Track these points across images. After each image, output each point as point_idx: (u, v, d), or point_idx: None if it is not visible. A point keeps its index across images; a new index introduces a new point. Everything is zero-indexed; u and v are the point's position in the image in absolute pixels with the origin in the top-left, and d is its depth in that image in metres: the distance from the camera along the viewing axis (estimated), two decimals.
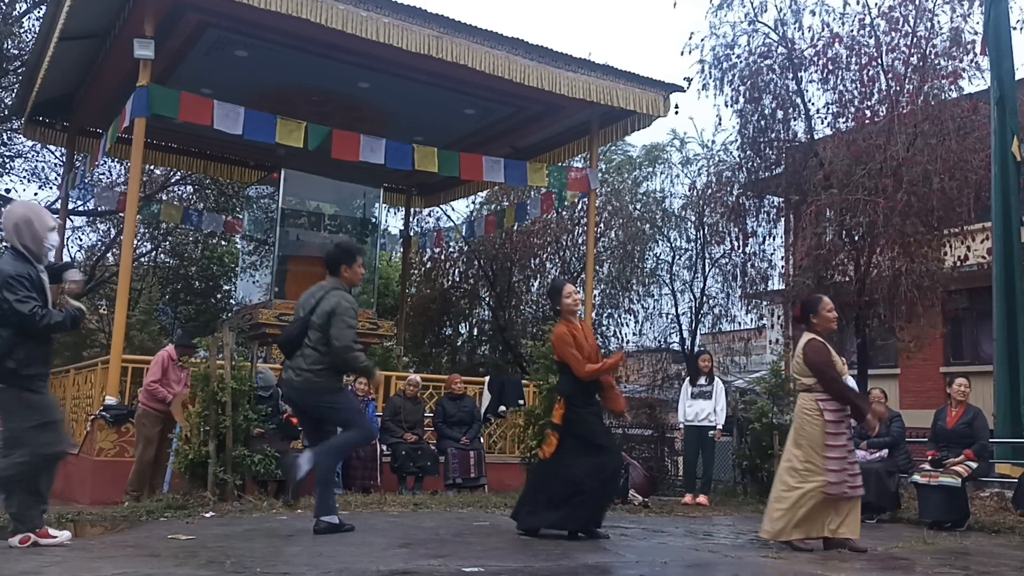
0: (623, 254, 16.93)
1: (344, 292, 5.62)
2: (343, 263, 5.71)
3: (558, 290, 6.06)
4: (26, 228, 4.69)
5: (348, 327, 5.42)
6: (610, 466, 5.77)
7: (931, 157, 10.53)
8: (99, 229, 21.85)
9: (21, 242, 4.68)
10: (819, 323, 5.74)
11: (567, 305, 5.95)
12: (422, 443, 9.19)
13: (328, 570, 4.12)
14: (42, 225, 4.73)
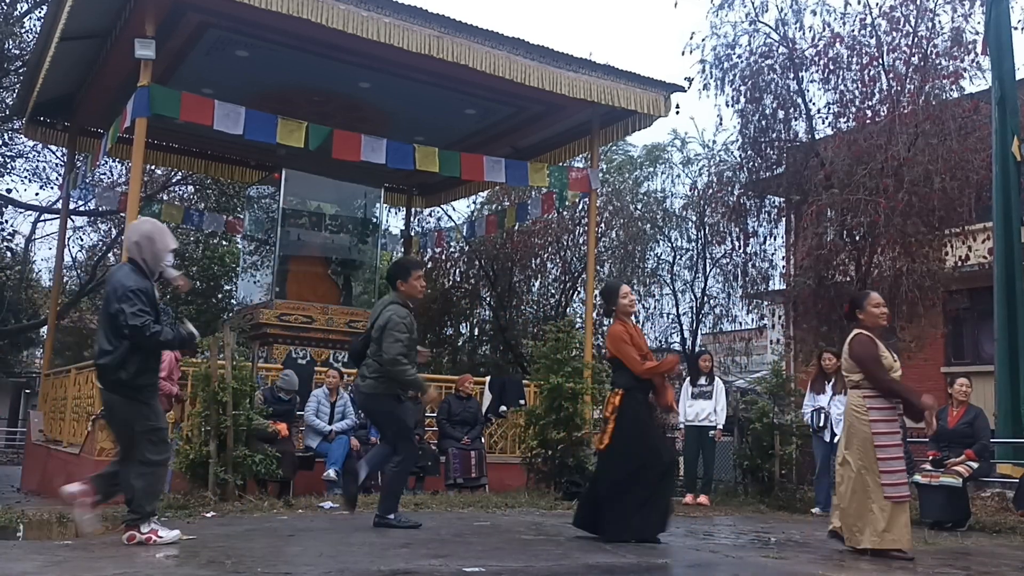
0: (624, 254, 16.94)
1: (398, 307, 5.95)
2: (398, 278, 6.10)
3: (615, 290, 6.04)
4: (147, 244, 4.90)
5: (395, 340, 5.74)
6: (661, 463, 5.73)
7: (932, 157, 10.53)
8: (100, 229, 21.88)
9: (141, 256, 4.89)
10: (866, 319, 5.62)
11: (623, 306, 5.94)
12: (423, 443, 9.20)
13: (329, 570, 4.12)
14: (163, 244, 4.95)
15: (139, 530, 4.81)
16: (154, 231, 4.97)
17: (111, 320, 4.73)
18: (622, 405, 5.72)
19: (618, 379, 5.93)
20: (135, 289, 4.72)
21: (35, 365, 28.15)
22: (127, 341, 4.70)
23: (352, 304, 12.31)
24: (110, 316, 4.74)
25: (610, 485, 5.57)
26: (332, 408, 8.91)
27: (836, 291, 11.41)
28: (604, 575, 4.55)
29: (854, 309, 5.73)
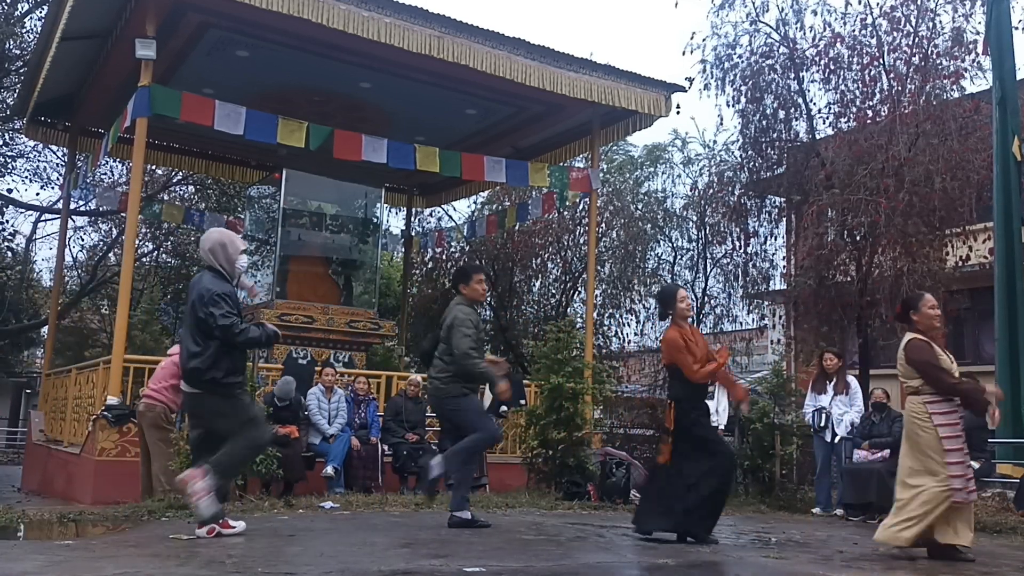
0: (624, 254, 16.93)
1: (463, 306, 6.14)
2: (461, 283, 6.32)
3: (672, 294, 6.05)
4: (221, 251, 5.23)
5: (464, 336, 5.91)
6: (722, 468, 5.77)
7: (933, 157, 10.53)
8: (101, 229, 21.91)
9: (218, 263, 5.22)
10: (920, 320, 5.46)
11: (680, 310, 5.93)
12: (424, 443, 9.20)
13: (329, 570, 4.12)
14: (234, 249, 5.27)
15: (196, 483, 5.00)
16: (223, 238, 5.31)
17: (199, 324, 5.05)
18: (678, 418, 5.71)
19: (672, 389, 5.93)
20: (221, 293, 5.05)
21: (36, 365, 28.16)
22: (215, 342, 5.01)
23: (353, 304, 12.30)
24: (198, 320, 5.04)
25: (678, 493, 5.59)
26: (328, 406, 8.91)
27: (836, 291, 11.41)
28: (605, 575, 4.55)
29: (907, 310, 5.56)
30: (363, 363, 11.69)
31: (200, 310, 5.02)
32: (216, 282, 5.14)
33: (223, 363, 5.04)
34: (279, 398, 8.61)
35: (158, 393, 7.45)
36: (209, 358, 5.01)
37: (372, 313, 12.14)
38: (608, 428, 12.73)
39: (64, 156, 15.03)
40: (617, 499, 8.55)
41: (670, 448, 5.72)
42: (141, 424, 7.59)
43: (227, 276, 5.23)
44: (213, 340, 5.01)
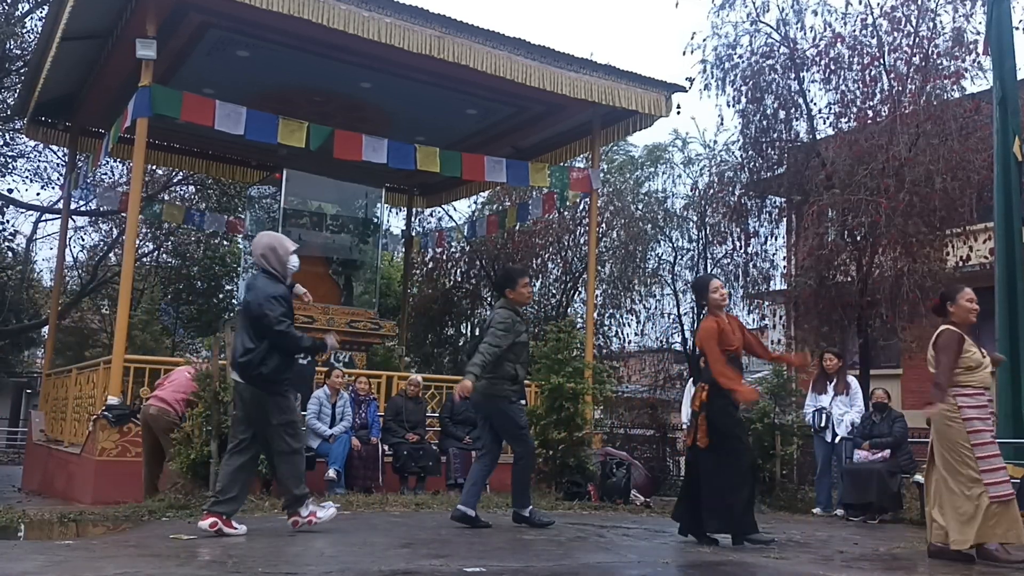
0: (625, 254, 16.92)
1: (504, 309, 6.26)
2: (506, 287, 6.42)
3: (704, 285, 6.03)
4: (271, 255, 5.47)
5: (492, 334, 6.09)
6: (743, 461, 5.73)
7: (933, 157, 10.52)
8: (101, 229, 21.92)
9: (271, 266, 5.46)
10: (956, 312, 5.40)
11: (714, 300, 5.93)
12: (424, 443, 9.20)
13: (330, 570, 4.12)
14: (284, 251, 5.50)
15: (300, 515, 5.38)
16: (273, 241, 5.55)
17: (253, 322, 5.30)
18: (709, 401, 5.69)
19: (705, 374, 5.87)
20: (276, 295, 5.32)
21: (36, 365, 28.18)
22: (267, 341, 5.25)
23: (353, 304, 12.31)
24: (253, 319, 5.31)
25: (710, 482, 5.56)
26: (332, 409, 8.91)
27: (837, 291, 11.41)
28: (605, 575, 4.55)
29: (945, 302, 5.52)
30: (363, 363, 11.70)
31: (255, 310, 5.28)
32: (270, 284, 5.39)
33: (272, 360, 5.29)
34: None
35: (177, 404, 7.54)
36: (260, 354, 5.25)
37: (372, 313, 12.15)
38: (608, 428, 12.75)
39: (65, 156, 15.03)
40: (617, 499, 8.55)
41: (694, 430, 5.69)
42: (153, 427, 7.61)
43: (280, 277, 5.46)
44: (265, 339, 5.27)
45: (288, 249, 5.51)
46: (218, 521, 5.20)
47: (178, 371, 8.00)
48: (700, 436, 5.65)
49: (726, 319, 5.94)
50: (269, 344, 5.27)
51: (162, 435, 7.51)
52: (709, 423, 5.63)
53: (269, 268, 5.46)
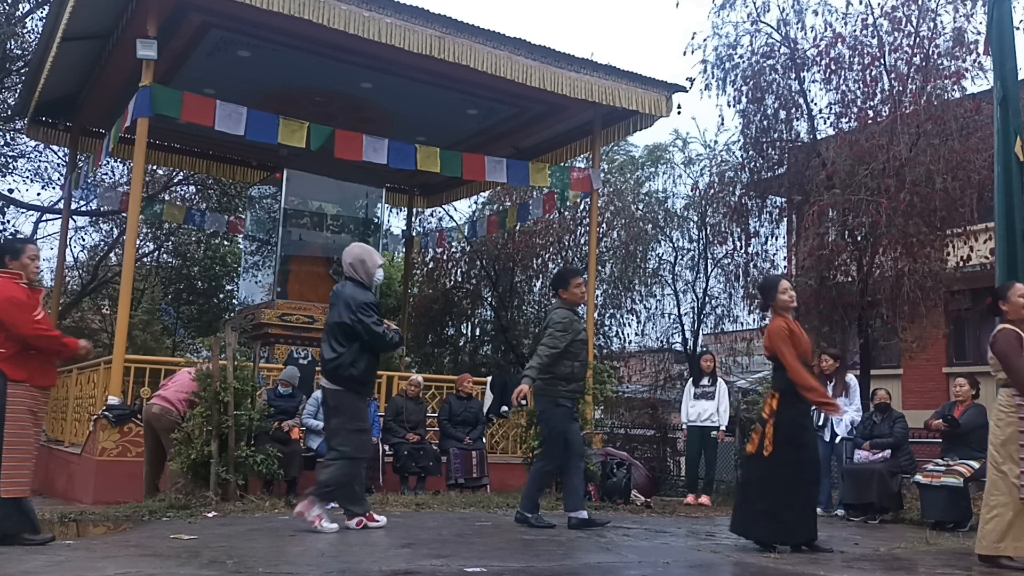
0: (625, 254, 16.92)
1: (561, 310, 6.44)
2: (560, 287, 6.60)
3: (773, 285, 5.88)
4: (359, 265, 5.85)
5: (549, 335, 6.25)
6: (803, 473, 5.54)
7: (934, 157, 10.52)
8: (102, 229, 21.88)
9: (358, 275, 5.84)
10: (1010, 310, 5.33)
11: (783, 301, 5.75)
12: (424, 443, 9.20)
13: (330, 570, 4.12)
14: (372, 263, 5.90)
15: (311, 510, 5.57)
16: (363, 253, 5.93)
17: (343, 327, 5.65)
18: (779, 410, 5.53)
19: (776, 380, 5.75)
20: (368, 303, 5.69)
21: None
22: (357, 344, 5.64)
23: None
24: (343, 324, 5.65)
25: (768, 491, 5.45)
26: None
27: (838, 291, 11.41)
28: (606, 575, 4.55)
29: (997, 301, 5.43)
30: None
31: (347, 316, 5.63)
32: (360, 292, 5.75)
33: (360, 363, 5.67)
34: (283, 383, 8.71)
35: (179, 403, 7.55)
36: (351, 356, 5.63)
37: None
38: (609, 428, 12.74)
39: (65, 156, 15.03)
40: (618, 499, 8.56)
41: (760, 438, 5.55)
42: (155, 426, 7.62)
43: (367, 286, 5.84)
44: (355, 342, 5.63)
45: (376, 263, 5.91)
46: (363, 519, 5.70)
47: (181, 372, 8.03)
48: (767, 444, 5.50)
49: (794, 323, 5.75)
50: (360, 346, 5.63)
51: (164, 435, 7.53)
52: (777, 432, 5.47)
53: (357, 277, 5.83)
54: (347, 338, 5.66)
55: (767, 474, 5.49)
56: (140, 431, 7.91)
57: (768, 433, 5.50)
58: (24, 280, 5.02)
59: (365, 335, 5.62)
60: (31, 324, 4.86)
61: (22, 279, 5.01)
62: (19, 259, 5.05)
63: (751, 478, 5.75)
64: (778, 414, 5.51)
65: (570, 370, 6.30)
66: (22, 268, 5.04)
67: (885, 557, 5.53)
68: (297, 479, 8.26)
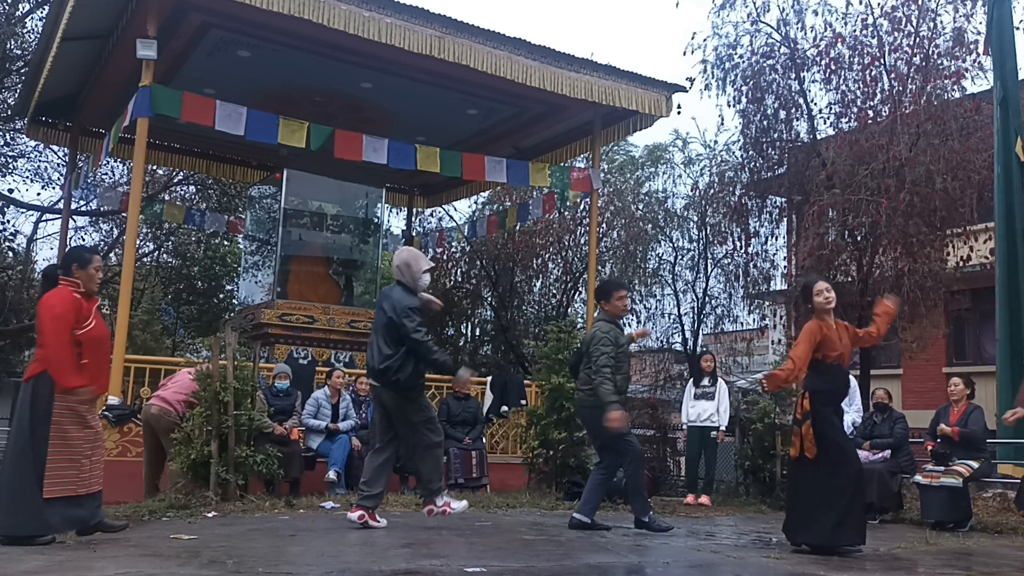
0: (625, 254, 16.92)
1: (603, 323, 6.45)
2: (602, 299, 6.63)
3: (809, 288, 5.85)
4: (407, 269, 5.94)
5: (601, 354, 6.23)
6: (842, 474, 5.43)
7: (934, 157, 10.53)
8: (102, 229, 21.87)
9: (405, 279, 5.92)
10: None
11: (818, 303, 5.72)
12: None
13: (331, 570, 4.12)
14: (418, 267, 5.96)
15: (435, 504, 5.80)
16: (410, 258, 6.01)
17: (390, 330, 5.74)
18: (813, 410, 5.49)
19: (807, 380, 5.64)
20: (412, 307, 5.75)
21: None
22: (403, 348, 5.68)
23: (353, 304, 12.30)
24: (389, 327, 5.75)
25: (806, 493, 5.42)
26: (335, 409, 8.91)
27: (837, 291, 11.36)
28: (606, 575, 4.55)
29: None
30: (364, 363, 11.69)
31: (392, 319, 5.72)
32: (406, 296, 5.82)
33: (408, 366, 5.72)
34: (280, 375, 8.73)
35: (178, 403, 7.56)
36: (398, 361, 5.69)
37: (373, 313, 12.13)
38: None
39: (65, 156, 15.02)
40: (618, 499, 8.55)
41: (801, 441, 5.50)
42: (154, 427, 7.61)
43: (413, 290, 5.90)
44: (401, 346, 5.68)
45: (422, 267, 5.97)
46: (365, 514, 5.73)
47: (181, 372, 8.04)
48: (808, 446, 5.43)
49: (833, 324, 5.68)
50: (406, 351, 5.69)
51: (163, 435, 7.54)
52: (817, 433, 5.41)
53: (404, 281, 5.90)
54: (395, 341, 5.74)
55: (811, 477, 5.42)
56: (140, 431, 7.91)
57: (808, 434, 5.44)
58: (83, 289, 5.11)
59: (407, 340, 5.69)
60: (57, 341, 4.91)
61: (81, 288, 5.11)
62: (86, 269, 5.15)
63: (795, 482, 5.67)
64: (813, 414, 5.47)
65: (615, 382, 6.29)
66: (87, 278, 5.15)
67: (885, 557, 5.53)
68: (299, 480, 8.25)
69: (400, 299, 5.78)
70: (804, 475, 5.52)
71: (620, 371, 6.35)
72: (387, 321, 5.77)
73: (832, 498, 5.34)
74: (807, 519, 5.42)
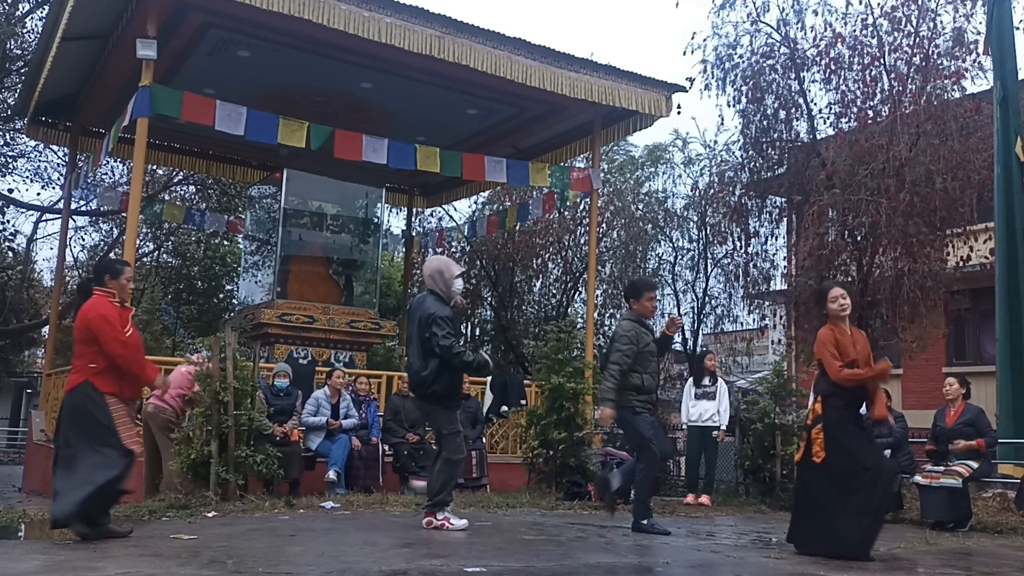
0: (625, 254, 16.94)
1: (626, 321, 6.44)
2: (631, 297, 6.60)
3: (823, 294, 5.79)
4: (439, 277, 5.94)
5: (616, 351, 6.24)
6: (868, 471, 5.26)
7: (934, 157, 10.52)
8: (102, 229, 21.89)
9: (437, 287, 5.91)
10: None
11: (832, 310, 5.65)
12: (424, 443, 9.20)
13: (330, 570, 4.12)
14: (449, 274, 5.96)
15: (435, 516, 5.80)
16: (441, 265, 6.05)
17: (423, 342, 5.73)
18: (824, 414, 5.42)
19: (818, 384, 5.62)
20: (443, 316, 5.73)
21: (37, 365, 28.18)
22: (437, 360, 5.68)
23: (353, 304, 12.30)
24: (422, 339, 5.74)
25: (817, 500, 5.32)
26: (335, 409, 8.91)
27: None
28: (606, 575, 4.55)
29: None
30: (364, 363, 11.70)
31: (424, 330, 5.71)
32: (437, 305, 5.81)
33: (443, 379, 5.74)
34: (280, 374, 8.73)
35: (172, 400, 7.58)
36: (431, 374, 5.71)
37: (373, 313, 12.14)
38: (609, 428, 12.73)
39: (65, 156, 15.03)
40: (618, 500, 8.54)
41: (807, 444, 5.44)
42: (151, 425, 7.63)
43: (445, 298, 5.90)
44: (434, 357, 5.68)
45: (453, 273, 5.99)
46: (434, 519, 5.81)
47: (176, 370, 8.04)
48: (816, 451, 5.35)
49: (848, 331, 5.63)
50: (440, 363, 5.69)
51: (159, 434, 7.54)
52: (827, 437, 5.33)
53: (436, 290, 5.91)
54: (428, 353, 5.74)
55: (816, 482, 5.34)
56: (140, 431, 7.90)
57: (818, 438, 5.37)
58: (117, 299, 5.29)
59: (436, 348, 5.67)
60: (118, 342, 5.13)
61: (115, 298, 5.27)
62: (118, 279, 5.33)
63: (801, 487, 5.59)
64: (824, 419, 5.40)
65: (640, 381, 6.28)
66: (119, 288, 5.31)
67: (885, 557, 5.52)
68: (299, 480, 8.25)
69: (431, 308, 5.79)
70: (813, 480, 5.41)
71: (647, 370, 6.34)
72: (419, 333, 5.80)
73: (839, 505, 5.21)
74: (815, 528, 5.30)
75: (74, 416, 5.12)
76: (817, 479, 5.37)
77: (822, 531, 5.28)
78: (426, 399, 5.86)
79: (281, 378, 8.77)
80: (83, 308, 5.24)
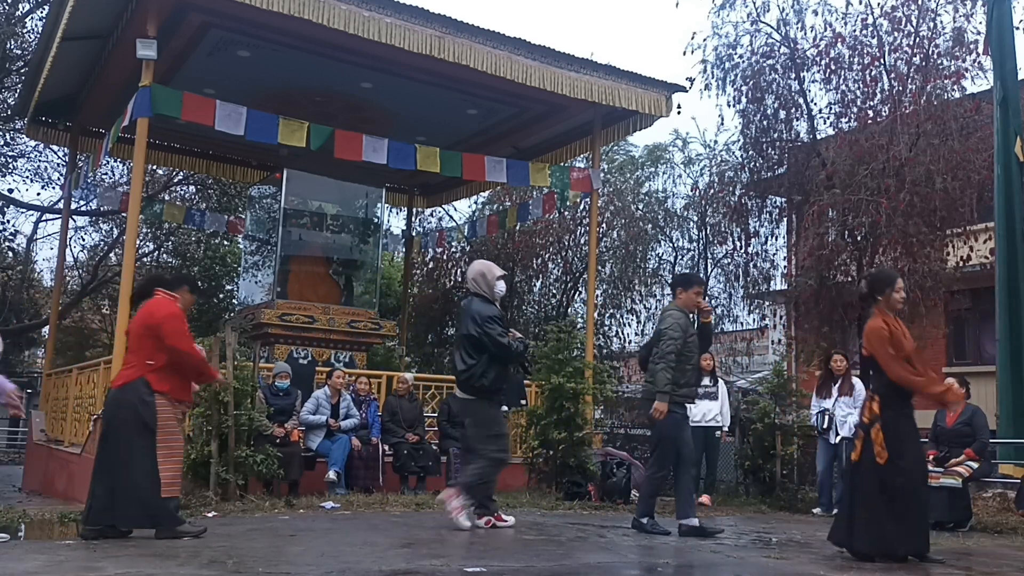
0: (625, 254, 16.93)
1: (674, 311, 6.41)
2: (679, 287, 6.59)
3: (890, 282, 5.45)
4: (481, 280, 6.15)
5: (670, 339, 6.17)
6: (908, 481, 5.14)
7: (934, 157, 10.53)
8: (102, 229, 21.90)
9: (481, 289, 6.13)
10: None
11: (895, 300, 5.40)
12: (424, 443, 9.20)
13: (330, 570, 4.12)
14: (491, 276, 6.17)
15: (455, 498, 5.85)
16: (484, 268, 6.23)
17: (472, 340, 5.97)
18: (882, 413, 5.22)
19: (875, 382, 5.37)
20: (493, 316, 5.99)
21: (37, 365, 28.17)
22: (486, 355, 5.93)
23: (353, 304, 12.30)
24: (471, 337, 5.97)
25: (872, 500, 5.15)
26: (335, 409, 8.91)
27: (837, 291, 11.41)
28: (606, 574, 4.55)
29: None
30: (364, 363, 11.69)
31: (474, 329, 5.95)
32: (485, 306, 6.05)
33: (491, 373, 5.96)
34: (281, 374, 8.73)
35: None
36: (481, 368, 5.94)
37: (373, 313, 12.14)
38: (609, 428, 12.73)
39: (65, 156, 15.03)
40: (618, 499, 8.55)
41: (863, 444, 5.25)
42: None
43: (491, 299, 6.12)
44: (483, 354, 5.93)
45: (495, 275, 6.18)
46: (492, 519, 6.01)
47: None
48: (878, 451, 5.14)
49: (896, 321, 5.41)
50: (488, 358, 5.92)
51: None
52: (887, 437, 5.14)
53: (481, 292, 6.12)
54: (476, 350, 5.96)
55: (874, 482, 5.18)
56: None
57: (878, 439, 5.17)
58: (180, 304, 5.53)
59: (491, 347, 5.90)
60: (190, 341, 5.42)
61: (179, 301, 5.52)
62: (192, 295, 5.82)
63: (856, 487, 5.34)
64: (881, 418, 5.21)
65: (681, 373, 6.21)
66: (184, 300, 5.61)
67: None
68: (298, 480, 8.25)
69: (480, 310, 6.01)
70: (868, 480, 5.21)
71: (691, 362, 6.29)
72: (467, 333, 6.02)
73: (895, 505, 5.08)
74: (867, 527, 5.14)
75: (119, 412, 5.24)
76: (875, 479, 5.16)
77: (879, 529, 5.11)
78: (473, 392, 6.01)
79: (282, 378, 8.77)
80: (149, 306, 5.41)
